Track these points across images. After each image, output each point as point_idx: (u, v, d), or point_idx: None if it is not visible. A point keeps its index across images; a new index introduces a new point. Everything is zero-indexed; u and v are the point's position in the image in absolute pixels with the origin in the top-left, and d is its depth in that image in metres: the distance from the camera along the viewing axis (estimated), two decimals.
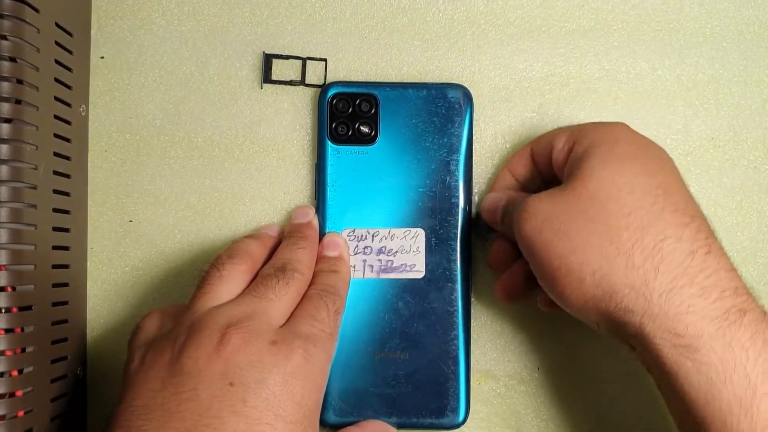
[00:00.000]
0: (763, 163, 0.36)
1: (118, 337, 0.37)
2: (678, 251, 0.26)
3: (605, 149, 0.29)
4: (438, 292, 0.34)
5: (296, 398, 0.26)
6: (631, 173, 0.28)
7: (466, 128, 0.35)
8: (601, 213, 0.27)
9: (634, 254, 0.26)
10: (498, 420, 0.36)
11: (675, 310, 0.25)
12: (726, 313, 0.25)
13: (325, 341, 0.28)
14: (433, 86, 0.35)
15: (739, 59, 0.36)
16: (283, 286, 0.29)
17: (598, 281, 0.27)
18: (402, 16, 0.37)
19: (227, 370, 0.25)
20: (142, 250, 0.37)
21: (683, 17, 0.37)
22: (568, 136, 0.31)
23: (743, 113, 0.36)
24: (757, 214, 0.36)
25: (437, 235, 0.34)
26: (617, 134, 0.30)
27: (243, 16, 0.37)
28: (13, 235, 0.30)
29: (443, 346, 0.34)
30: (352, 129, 0.35)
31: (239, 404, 0.25)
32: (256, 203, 0.37)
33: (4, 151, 0.29)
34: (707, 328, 0.25)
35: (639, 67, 0.36)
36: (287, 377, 0.26)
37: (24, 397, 0.30)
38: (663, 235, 0.26)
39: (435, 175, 0.35)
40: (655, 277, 0.26)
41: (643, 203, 0.27)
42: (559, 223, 0.28)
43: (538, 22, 0.37)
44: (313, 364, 0.27)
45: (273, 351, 0.26)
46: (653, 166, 0.28)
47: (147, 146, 0.37)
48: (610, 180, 0.28)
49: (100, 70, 0.37)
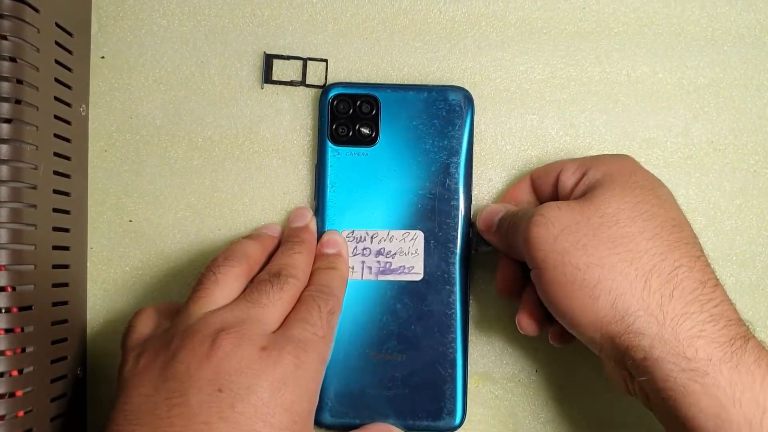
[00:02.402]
0: (763, 167, 0.36)
1: (118, 338, 0.37)
2: (691, 279, 0.27)
3: (623, 178, 0.29)
4: (436, 294, 0.34)
5: (285, 404, 0.26)
6: (649, 203, 0.28)
7: (466, 131, 0.35)
8: (623, 234, 0.27)
9: (652, 278, 0.26)
10: (496, 422, 0.36)
11: (686, 334, 0.26)
12: (732, 339, 0.26)
13: (317, 344, 0.28)
14: (434, 88, 0.35)
15: (739, 63, 0.36)
16: (277, 292, 0.29)
17: (612, 300, 0.26)
18: (403, 18, 0.37)
19: (216, 377, 0.25)
20: (142, 250, 0.37)
21: (684, 20, 0.37)
22: (580, 164, 0.31)
23: (744, 117, 0.36)
24: (757, 217, 0.36)
25: (436, 238, 0.34)
26: (631, 166, 0.30)
27: (244, 16, 0.37)
28: (13, 235, 0.30)
29: (441, 349, 0.34)
30: (352, 130, 0.35)
31: (228, 410, 0.25)
32: (256, 203, 0.37)
33: (4, 151, 0.29)
34: (716, 352, 0.25)
35: (639, 70, 0.36)
36: (276, 384, 0.26)
37: (24, 397, 0.30)
38: (679, 263, 0.27)
39: (435, 178, 0.34)
40: (669, 301, 0.26)
41: (661, 231, 0.27)
42: (578, 234, 0.27)
43: (539, 24, 0.37)
44: (304, 369, 0.27)
45: (262, 357, 0.26)
46: (667, 200, 0.29)
47: (147, 146, 0.37)
48: (632, 205, 0.28)
49: (100, 70, 0.37)
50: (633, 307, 0.26)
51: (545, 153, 0.36)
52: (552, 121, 0.36)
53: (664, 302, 0.26)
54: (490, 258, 0.35)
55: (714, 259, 0.29)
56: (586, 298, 0.27)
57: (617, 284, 0.26)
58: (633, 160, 0.31)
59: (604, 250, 0.27)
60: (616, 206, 0.28)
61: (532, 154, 0.36)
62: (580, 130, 0.36)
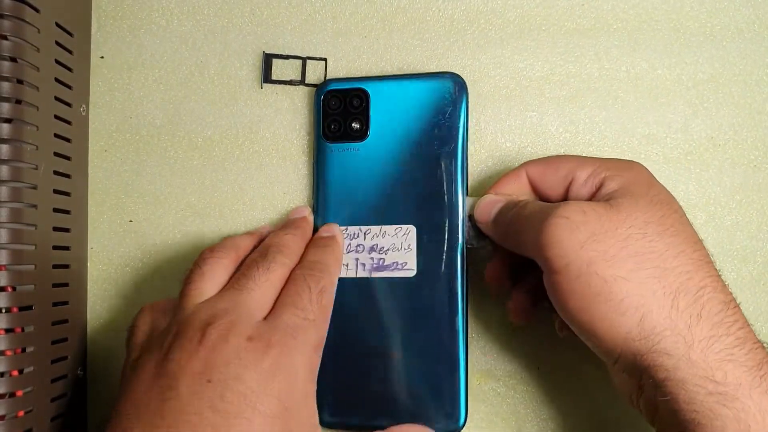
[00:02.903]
0: (763, 163, 0.36)
1: (118, 338, 0.37)
2: (716, 300, 0.26)
3: (643, 191, 0.28)
4: (431, 290, 0.33)
5: (275, 392, 0.25)
6: (671, 218, 0.27)
7: (460, 119, 0.33)
8: (651, 249, 0.26)
9: (680, 297, 0.26)
10: (498, 420, 0.36)
11: (715, 357, 0.25)
12: (760, 363, 0.25)
13: (307, 329, 0.28)
14: (424, 76, 0.34)
15: (739, 58, 0.36)
16: (264, 273, 0.29)
17: (640, 317, 0.25)
18: (402, 16, 0.37)
19: (205, 369, 0.25)
20: (142, 250, 0.37)
21: (683, 16, 0.37)
22: (594, 170, 0.29)
23: (743, 112, 0.36)
24: (757, 213, 0.36)
25: (429, 232, 0.33)
26: (648, 178, 0.29)
27: (243, 16, 0.37)
28: (13, 235, 0.30)
29: (439, 348, 0.32)
30: (343, 126, 0.34)
31: (217, 400, 0.25)
32: (256, 203, 0.37)
33: (4, 151, 0.29)
34: (745, 377, 0.25)
35: (639, 66, 0.36)
36: (264, 374, 0.26)
37: (24, 397, 0.30)
38: (704, 282, 0.26)
39: (427, 170, 0.33)
40: (697, 322, 0.25)
41: (686, 248, 0.27)
42: (607, 244, 0.26)
43: (537, 21, 0.37)
44: (292, 356, 0.26)
45: (249, 348, 0.26)
46: (683, 216, 0.28)
47: (147, 146, 0.37)
48: (658, 219, 0.27)
49: (100, 70, 0.37)
50: (660, 326, 0.25)
51: (545, 150, 0.36)
52: (551, 118, 0.36)
53: (693, 323, 0.25)
54: (488, 252, 0.35)
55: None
56: (611, 312, 0.26)
57: (645, 301, 0.25)
58: (647, 170, 0.30)
59: (632, 264, 0.26)
60: (644, 219, 0.27)
61: (531, 152, 0.36)
62: (579, 127, 0.36)
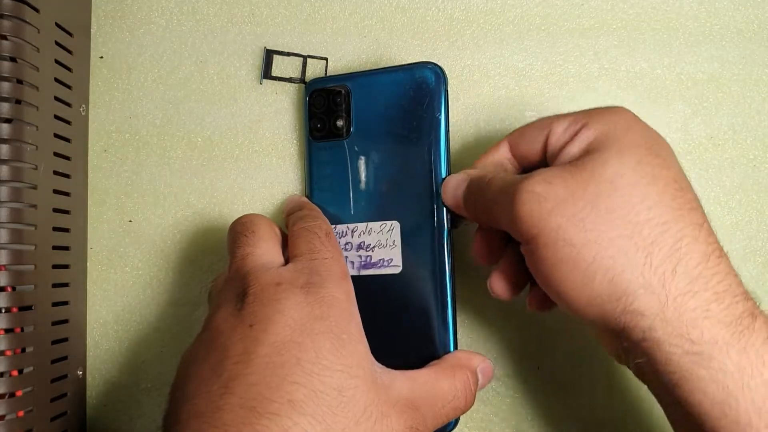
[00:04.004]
0: (762, 162, 0.36)
1: (118, 338, 0.37)
2: (695, 252, 0.24)
3: (618, 136, 0.26)
4: (418, 287, 0.32)
5: (317, 315, 0.26)
6: (649, 164, 0.25)
7: (439, 109, 0.32)
8: (622, 204, 0.25)
9: (653, 252, 0.24)
10: (497, 420, 0.36)
11: (690, 314, 0.24)
12: (739, 318, 0.24)
13: (329, 266, 0.28)
14: (401, 68, 0.33)
15: (738, 58, 0.36)
16: (251, 235, 0.30)
17: (610, 279, 0.24)
18: (401, 15, 0.37)
19: (243, 319, 0.26)
20: (142, 250, 0.37)
21: (682, 16, 0.37)
22: (572, 120, 0.28)
23: (742, 112, 0.36)
24: (757, 212, 0.36)
25: (414, 228, 0.32)
26: (627, 121, 0.27)
27: (242, 15, 0.37)
28: (13, 235, 0.30)
29: (428, 344, 0.31)
30: (327, 124, 0.34)
31: (262, 335, 0.25)
32: (256, 202, 0.37)
33: (4, 151, 0.29)
34: (722, 334, 0.23)
35: (638, 65, 0.36)
36: (299, 306, 0.26)
37: (24, 397, 0.30)
38: (681, 234, 0.24)
39: (409, 163, 0.32)
40: (672, 278, 0.24)
41: (663, 197, 0.25)
42: (575, 208, 0.25)
43: (537, 21, 0.37)
44: (321, 294, 0.27)
45: (278, 291, 0.27)
46: (666, 156, 0.26)
47: (147, 146, 0.37)
48: (632, 167, 0.25)
49: (100, 70, 0.37)
50: (633, 285, 0.24)
51: None
52: None
53: (667, 279, 0.24)
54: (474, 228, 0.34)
55: None
56: (580, 278, 0.25)
57: (615, 261, 0.24)
58: (629, 112, 0.28)
59: (603, 224, 0.24)
60: (614, 171, 0.25)
61: None
62: None
